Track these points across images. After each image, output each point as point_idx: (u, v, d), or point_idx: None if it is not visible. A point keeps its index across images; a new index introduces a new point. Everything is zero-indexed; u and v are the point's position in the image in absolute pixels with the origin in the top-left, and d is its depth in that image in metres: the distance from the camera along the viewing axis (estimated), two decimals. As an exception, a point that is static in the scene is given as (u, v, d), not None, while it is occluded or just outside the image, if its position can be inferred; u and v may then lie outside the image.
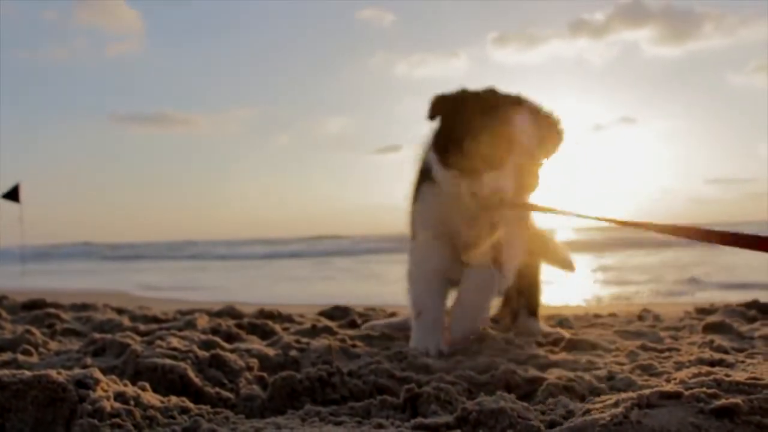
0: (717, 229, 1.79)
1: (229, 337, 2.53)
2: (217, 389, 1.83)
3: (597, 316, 3.44)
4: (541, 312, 2.92)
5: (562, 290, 7.16)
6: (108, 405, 1.40)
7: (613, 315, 3.46)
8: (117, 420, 1.37)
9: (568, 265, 2.92)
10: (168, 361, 1.86)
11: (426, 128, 2.40)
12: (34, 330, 2.57)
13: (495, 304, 2.75)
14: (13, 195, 11.94)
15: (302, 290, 7.92)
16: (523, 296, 2.77)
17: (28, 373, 1.43)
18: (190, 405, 1.58)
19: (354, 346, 2.35)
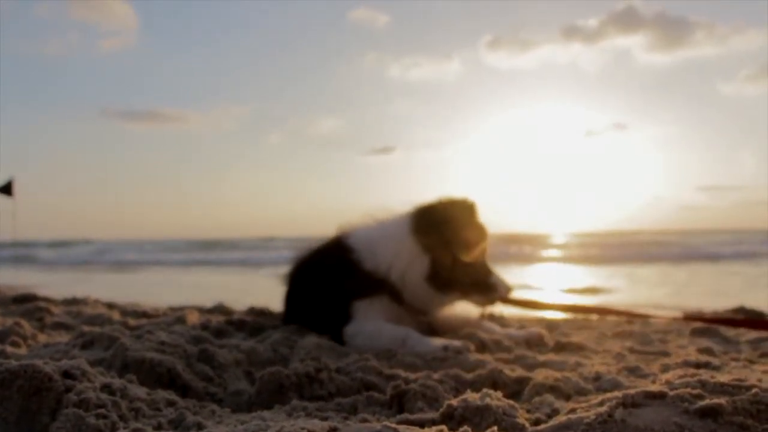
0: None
1: (219, 333, 2.53)
2: (205, 383, 1.83)
3: (586, 319, 3.45)
4: (532, 316, 2.93)
5: (554, 296, 7.18)
6: (94, 396, 1.40)
7: (602, 318, 3.47)
8: (102, 411, 1.36)
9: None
10: (156, 355, 1.86)
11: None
12: (23, 322, 2.56)
13: None
14: (6, 190, 11.86)
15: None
16: None
17: (14, 363, 1.43)
18: (177, 398, 1.58)
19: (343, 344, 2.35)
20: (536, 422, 1.35)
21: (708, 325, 2.71)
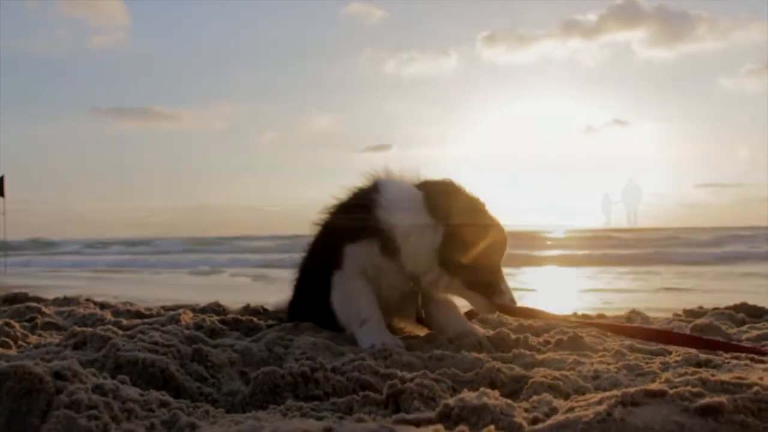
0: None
1: (213, 333, 2.50)
2: (199, 384, 1.81)
3: (585, 317, 3.43)
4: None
5: (553, 297, 7.18)
6: (85, 397, 1.38)
7: (601, 316, 3.46)
8: (94, 412, 1.34)
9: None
10: (149, 355, 1.84)
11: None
12: (13, 323, 2.53)
13: None
14: (-3, 187, 11.77)
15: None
16: None
17: (4, 363, 1.41)
18: (170, 399, 1.56)
19: (339, 343, 2.33)
20: (534, 421, 1.33)
21: (708, 322, 2.70)
